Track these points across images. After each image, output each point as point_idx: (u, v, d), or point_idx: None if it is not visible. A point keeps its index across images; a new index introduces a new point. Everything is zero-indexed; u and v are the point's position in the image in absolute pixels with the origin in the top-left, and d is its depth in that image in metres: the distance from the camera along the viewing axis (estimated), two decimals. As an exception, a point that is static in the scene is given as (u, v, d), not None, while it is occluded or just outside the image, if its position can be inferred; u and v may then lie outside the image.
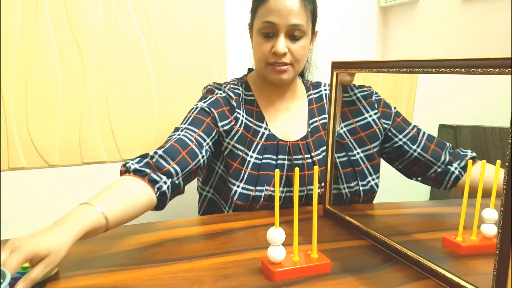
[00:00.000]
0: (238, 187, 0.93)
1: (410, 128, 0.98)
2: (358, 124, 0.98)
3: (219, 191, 0.99)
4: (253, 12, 0.97)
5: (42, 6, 1.14)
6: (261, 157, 0.95)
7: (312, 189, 0.96)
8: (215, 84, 1.02)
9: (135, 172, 0.77)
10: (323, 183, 0.92)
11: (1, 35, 1.11)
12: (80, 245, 0.74)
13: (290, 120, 1.01)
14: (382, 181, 1.03)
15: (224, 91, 0.99)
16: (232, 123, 0.95)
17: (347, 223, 0.84)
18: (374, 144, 0.98)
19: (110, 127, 1.25)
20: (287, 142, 0.97)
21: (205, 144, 0.90)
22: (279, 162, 0.96)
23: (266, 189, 0.93)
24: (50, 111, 1.19)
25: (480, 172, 0.69)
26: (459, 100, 1.08)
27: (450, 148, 0.95)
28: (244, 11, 1.00)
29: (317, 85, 1.08)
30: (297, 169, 0.63)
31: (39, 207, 1.22)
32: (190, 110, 0.96)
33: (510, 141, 0.47)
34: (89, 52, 1.20)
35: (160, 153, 0.82)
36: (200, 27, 1.30)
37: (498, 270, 0.51)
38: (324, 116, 1.03)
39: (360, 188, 0.96)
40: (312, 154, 0.98)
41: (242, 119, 0.97)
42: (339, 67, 0.86)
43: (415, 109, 1.18)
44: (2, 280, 0.54)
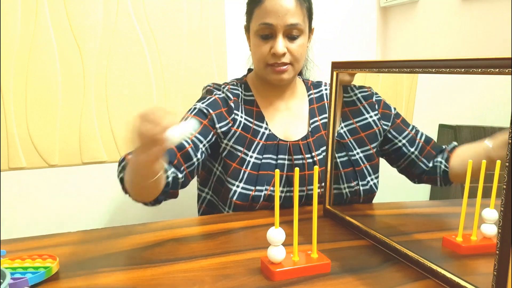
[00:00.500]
0: (237, 187, 0.93)
1: (409, 129, 0.99)
2: (358, 124, 0.98)
3: (217, 193, 0.99)
4: (248, 14, 0.97)
5: (42, 6, 1.14)
6: (261, 157, 0.95)
7: (312, 189, 0.96)
8: (214, 85, 1.02)
9: None
10: (323, 183, 0.92)
11: (1, 35, 1.11)
12: (80, 245, 0.75)
13: (290, 119, 1.01)
14: (382, 181, 1.03)
15: (223, 91, 0.99)
16: (230, 124, 0.95)
17: (347, 223, 0.83)
18: (374, 145, 0.99)
19: (110, 127, 1.25)
20: (288, 142, 0.97)
21: (201, 146, 0.90)
22: (279, 162, 0.96)
23: (266, 188, 0.93)
24: (50, 111, 1.19)
25: (480, 172, 0.69)
26: (459, 100, 1.08)
27: (436, 144, 0.97)
28: (244, 11, 1.00)
29: (317, 84, 1.08)
30: (297, 169, 0.63)
31: (39, 207, 1.22)
32: (189, 111, 0.96)
33: (510, 141, 0.47)
34: (89, 52, 1.20)
35: None
36: (200, 27, 1.30)
37: (498, 270, 0.51)
38: (325, 115, 1.03)
39: (361, 188, 0.96)
40: (313, 154, 0.98)
41: (241, 120, 0.97)
42: (339, 67, 0.86)
43: (415, 109, 1.18)
44: (2, 280, 0.54)
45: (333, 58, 0.91)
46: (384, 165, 1.04)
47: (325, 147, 0.99)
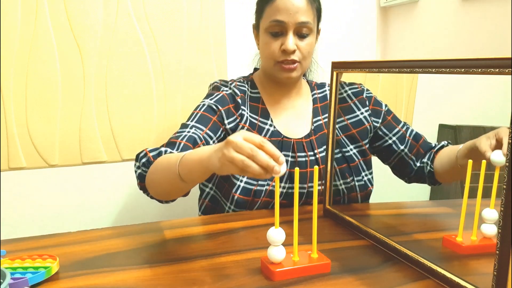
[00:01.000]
0: (241, 181, 0.94)
1: (400, 126, 1.00)
2: (349, 121, 0.99)
3: (221, 188, 0.99)
4: (259, 12, 0.98)
5: (42, 6, 1.14)
6: None
7: (313, 186, 0.96)
8: (221, 81, 1.03)
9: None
10: (322, 181, 0.93)
11: (1, 35, 1.11)
12: (80, 245, 0.75)
13: (294, 117, 1.03)
14: (382, 181, 1.03)
15: (230, 87, 1.00)
16: (238, 120, 0.97)
17: (347, 223, 0.84)
18: (366, 141, 1.00)
19: (110, 127, 1.25)
20: (291, 139, 0.98)
21: (211, 142, 0.92)
22: None
23: (268, 183, 0.94)
24: (50, 111, 1.19)
25: (481, 171, 0.69)
26: (459, 100, 1.08)
27: (427, 142, 0.98)
28: (244, 11, 1.01)
29: (321, 85, 1.10)
30: (297, 169, 0.63)
31: (39, 207, 1.22)
32: (197, 107, 0.97)
33: (510, 141, 0.47)
34: (89, 52, 1.20)
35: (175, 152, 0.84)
36: (200, 27, 1.30)
37: (498, 270, 0.51)
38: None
39: (356, 183, 0.97)
40: (315, 152, 0.99)
41: (247, 116, 0.98)
42: (339, 67, 0.86)
43: (415, 109, 1.18)
44: (2, 280, 0.54)
45: (333, 58, 0.91)
46: (384, 164, 1.04)
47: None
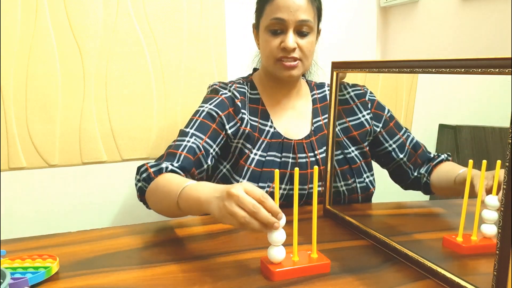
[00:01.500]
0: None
1: (401, 133, 1.00)
2: (351, 123, 0.99)
3: None
4: (259, 11, 0.98)
5: (42, 6, 1.14)
6: (265, 154, 0.96)
7: (313, 187, 0.96)
8: (220, 84, 1.02)
9: (172, 171, 0.83)
10: (322, 182, 0.93)
11: (1, 35, 1.11)
12: (80, 245, 0.75)
13: (294, 118, 1.02)
14: (382, 180, 1.03)
15: (229, 90, 0.99)
16: (238, 124, 0.96)
17: (347, 223, 0.83)
18: (366, 143, 1.00)
19: (110, 127, 1.25)
20: (292, 140, 0.98)
21: (211, 150, 0.92)
22: (284, 159, 0.96)
23: (269, 185, 0.94)
24: (50, 111, 1.19)
25: (481, 171, 0.69)
26: (459, 100, 1.08)
27: (426, 151, 0.98)
28: (244, 11, 1.01)
29: (321, 85, 1.09)
30: (296, 169, 0.63)
31: (39, 207, 1.22)
32: (196, 113, 0.96)
33: (510, 141, 0.47)
34: (89, 52, 1.20)
35: (177, 165, 0.85)
36: (200, 27, 1.30)
37: (498, 270, 0.51)
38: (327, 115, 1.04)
39: (358, 185, 0.97)
40: (316, 153, 0.98)
41: (247, 119, 0.97)
42: (339, 67, 0.86)
43: (415, 109, 1.18)
44: (2, 280, 0.54)
45: (333, 58, 0.91)
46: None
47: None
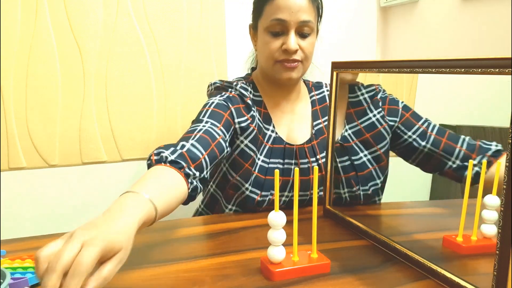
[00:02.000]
0: (246, 189, 0.91)
1: (420, 123, 0.94)
2: (362, 125, 0.95)
3: (221, 189, 0.98)
4: (257, 12, 0.95)
5: (42, 6, 1.14)
6: (268, 160, 0.93)
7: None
8: (224, 83, 0.98)
9: (171, 163, 0.72)
10: (322, 187, 0.92)
11: (1, 35, 1.11)
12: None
13: (295, 122, 0.99)
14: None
15: (236, 89, 0.96)
16: (249, 121, 0.92)
17: (347, 223, 0.83)
18: (381, 145, 0.95)
19: (110, 127, 1.25)
20: (294, 145, 0.96)
21: (227, 138, 0.87)
22: (286, 166, 0.94)
23: (272, 193, 0.92)
24: (50, 111, 1.19)
25: (482, 171, 0.69)
26: (459, 100, 1.08)
27: (470, 140, 0.89)
28: (244, 11, 1.00)
29: (318, 85, 1.06)
30: (296, 169, 0.63)
31: (39, 207, 1.22)
32: (206, 105, 0.91)
33: (510, 141, 0.47)
34: (89, 52, 1.20)
35: (192, 142, 0.78)
36: (200, 27, 1.30)
37: (498, 270, 0.51)
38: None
39: (361, 192, 0.94)
40: (318, 157, 0.96)
41: (257, 120, 0.94)
42: (339, 67, 0.86)
43: (415, 109, 1.18)
44: (2, 280, 0.54)
45: (333, 58, 0.90)
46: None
47: None
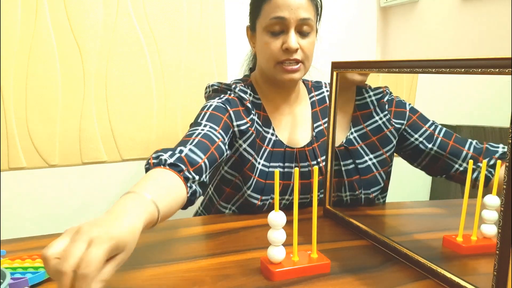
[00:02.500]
0: (245, 193, 0.91)
1: (427, 125, 0.92)
2: (368, 128, 0.94)
3: (219, 193, 0.97)
4: (255, 12, 0.93)
5: (42, 6, 1.14)
6: (268, 164, 0.92)
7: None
8: (222, 85, 0.96)
9: (170, 166, 0.70)
10: (322, 190, 0.91)
11: (1, 35, 1.11)
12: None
13: (295, 125, 0.98)
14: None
15: (235, 92, 0.93)
16: (248, 124, 0.90)
17: (347, 223, 0.83)
18: (386, 148, 0.94)
19: (110, 127, 1.25)
20: (294, 149, 0.95)
21: (226, 141, 0.86)
22: (287, 170, 0.94)
23: (272, 197, 0.91)
24: (50, 111, 1.19)
25: (482, 171, 0.69)
26: (459, 100, 1.08)
27: (477, 143, 0.88)
28: (244, 11, 1.00)
29: (318, 85, 1.05)
30: (296, 169, 0.63)
31: (39, 207, 1.22)
32: (204, 107, 0.90)
33: (510, 141, 0.47)
34: (89, 52, 1.20)
35: (190, 147, 0.76)
36: (200, 27, 1.30)
37: (498, 270, 0.51)
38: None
39: (363, 196, 0.93)
40: (319, 160, 0.96)
41: (256, 123, 0.93)
42: (339, 67, 0.86)
43: (415, 109, 1.18)
44: (2, 280, 0.54)
45: (332, 58, 0.90)
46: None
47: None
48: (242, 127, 0.90)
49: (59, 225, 1.24)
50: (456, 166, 0.88)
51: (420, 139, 0.91)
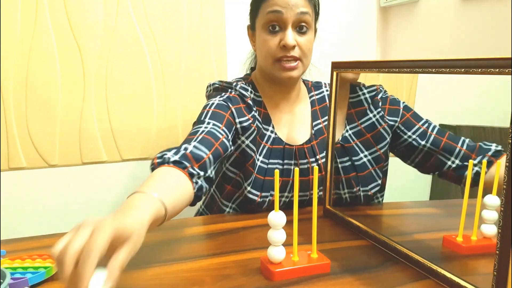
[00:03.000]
0: (245, 189, 0.91)
1: (421, 123, 0.94)
2: (363, 125, 0.95)
3: (221, 190, 0.98)
4: (254, 12, 0.95)
5: (42, 6, 1.14)
6: (267, 161, 0.93)
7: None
8: (223, 83, 0.97)
9: (174, 163, 0.71)
10: (321, 187, 0.92)
11: (1, 35, 1.11)
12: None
13: (294, 122, 0.99)
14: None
15: (235, 89, 0.95)
16: (250, 121, 0.92)
17: (347, 223, 0.83)
18: (381, 145, 0.95)
19: (110, 127, 1.25)
20: (293, 146, 0.95)
21: (230, 137, 0.87)
22: (286, 167, 0.94)
23: (272, 194, 0.92)
24: (50, 111, 1.19)
25: (482, 171, 0.69)
26: (459, 100, 1.08)
27: (469, 141, 0.89)
28: (244, 11, 1.00)
29: (318, 85, 1.06)
30: (296, 169, 0.63)
31: (39, 207, 1.22)
32: (206, 106, 0.90)
33: (510, 141, 0.47)
34: (89, 52, 1.20)
35: (195, 144, 0.77)
36: (200, 27, 1.30)
37: (498, 270, 0.51)
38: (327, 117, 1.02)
39: (361, 193, 0.94)
40: (317, 157, 0.96)
41: (257, 121, 0.94)
42: (339, 67, 0.86)
43: (415, 109, 1.18)
44: (2, 280, 0.54)
45: (332, 58, 0.90)
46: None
47: None
48: (244, 124, 0.91)
49: (59, 225, 1.24)
50: (449, 163, 0.88)
51: (414, 137, 0.92)
